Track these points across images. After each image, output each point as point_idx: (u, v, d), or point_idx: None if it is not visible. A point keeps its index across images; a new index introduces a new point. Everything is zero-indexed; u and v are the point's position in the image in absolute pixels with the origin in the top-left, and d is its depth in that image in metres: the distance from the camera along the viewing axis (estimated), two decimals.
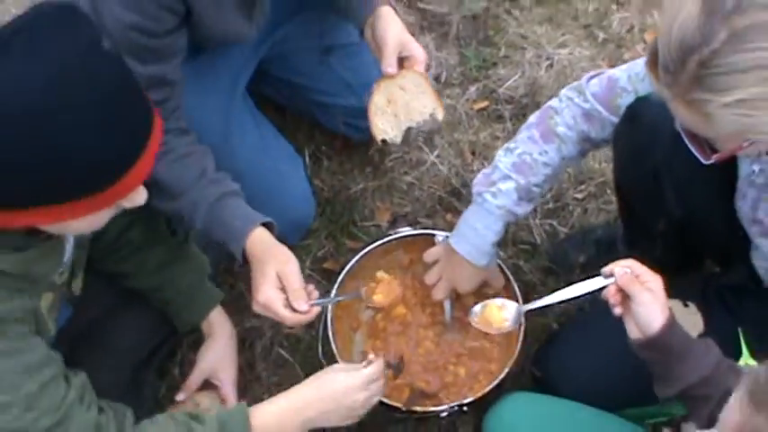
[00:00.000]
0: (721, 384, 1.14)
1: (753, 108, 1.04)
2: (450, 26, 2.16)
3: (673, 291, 1.30)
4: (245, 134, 1.78)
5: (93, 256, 1.45)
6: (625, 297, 1.27)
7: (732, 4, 1.01)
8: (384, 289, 1.63)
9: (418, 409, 1.56)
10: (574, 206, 1.89)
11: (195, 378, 1.61)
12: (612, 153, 1.51)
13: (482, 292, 1.65)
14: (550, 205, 1.90)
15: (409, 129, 1.61)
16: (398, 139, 1.60)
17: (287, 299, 1.42)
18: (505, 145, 1.52)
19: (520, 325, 1.57)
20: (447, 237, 1.60)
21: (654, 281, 1.26)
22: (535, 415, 1.47)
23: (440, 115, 1.60)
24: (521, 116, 1.98)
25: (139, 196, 1.17)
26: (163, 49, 1.47)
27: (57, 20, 1.06)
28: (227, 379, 1.62)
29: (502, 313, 1.52)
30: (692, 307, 1.50)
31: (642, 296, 1.24)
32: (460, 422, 1.63)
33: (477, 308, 1.51)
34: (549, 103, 1.51)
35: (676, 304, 1.49)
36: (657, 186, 1.41)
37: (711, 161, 1.15)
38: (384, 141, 1.60)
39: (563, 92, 1.50)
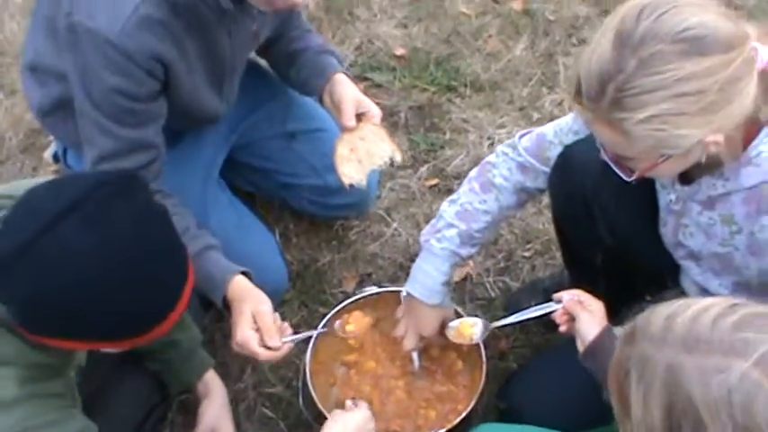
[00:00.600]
0: None
1: (662, 123, 1.22)
2: (399, 116, 2.40)
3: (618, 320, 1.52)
4: (222, 214, 1.95)
5: None
6: (571, 318, 1.50)
7: (638, 39, 1.20)
8: (355, 320, 1.78)
9: None
10: (523, 263, 2.09)
11: None
12: (549, 198, 1.71)
13: (446, 344, 1.81)
14: (501, 264, 2.08)
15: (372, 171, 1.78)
16: (363, 183, 1.75)
17: (261, 338, 1.57)
18: (449, 197, 1.71)
19: (481, 364, 1.75)
20: None
21: (595, 304, 1.49)
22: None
23: (398, 157, 1.78)
24: None
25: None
26: (144, 112, 1.63)
27: (119, 189, 1.25)
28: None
29: (473, 329, 1.74)
30: None
31: (582, 315, 1.47)
32: None
33: (453, 323, 1.75)
34: (487, 158, 1.70)
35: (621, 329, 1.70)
36: (591, 220, 1.61)
37: (633, 179, 1.34)
38: (351, 185, 1.74)
39: (498, 148, 1.69)
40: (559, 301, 1.54)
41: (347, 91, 1.84)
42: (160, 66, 1.59)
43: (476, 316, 1.83)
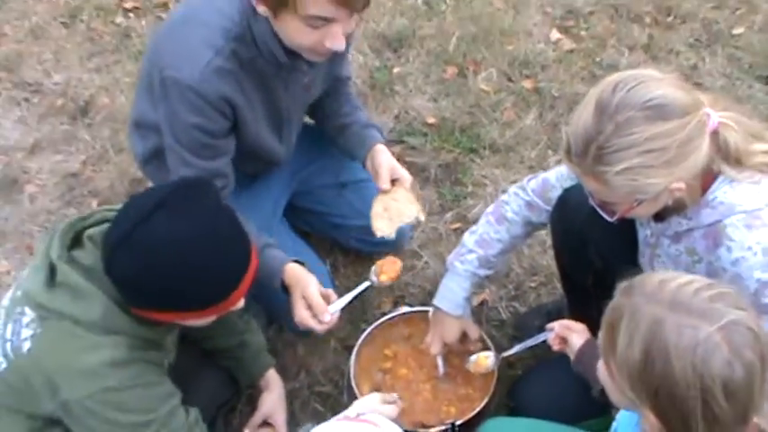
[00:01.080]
0: None
1: (635, 174, 1.43)
2: (429, 172, 2.81)
3: None
4: (284, 246, 2.23)
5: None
6: (562, 340, 1.87)
7: (613, 108, 1.42)
8: (388, 268, 2.12)
9: (426, 425, 2.05)
10: (530, 292, 2.46)
11: (257, 418, 2.09)
12: (550, 231, 2.08)
13: (464, 350, 2.18)
14: (512, 292, 2.46)
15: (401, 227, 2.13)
16: (393, 236, 2.09)
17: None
18: (470, 229, 2.08)
19: (493, 372, 2.11)
20: None
21: (578, 326, 1.86)
22: (512, 428, 1.93)
23: (422, 218, 2.13)
24: None
25: (242, 303, 1.70)
26: (217, 147, 1.96)
27: (196, 189, 1.61)
28: (280, 420, 2.11)
29: (487, 360, 2.11)
30: None
31: (571, 335, 1.84)
32: None
33: (472, 357, 2.12)
34: (501, 197, 2.06)
35: None
36: (583, 249, 1.92)
37: (614, 219, 1.60)
38: (382, 237, 2.08)
39: (510, 189, 2.04)
40: (552, 329, 1.90)
41: (384, 159, 2.17)
42: (229, 107, 1.91)
43: (488, 349, 2.15)
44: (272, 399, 2.13)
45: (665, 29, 3.37)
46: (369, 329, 2.26)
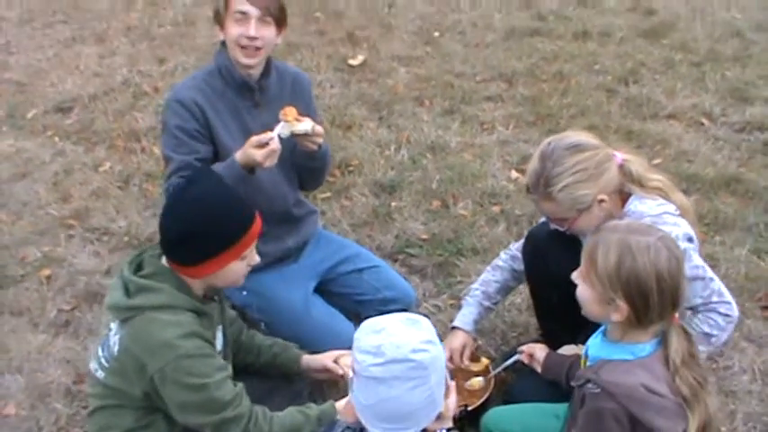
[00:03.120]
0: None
1: (572, 189, 2.26)
2: (426, 271, 3.59)
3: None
4: (319, 309, 3.02)
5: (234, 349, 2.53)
6: (531, 356, 2.61)
7: (549, 152, 2.30)
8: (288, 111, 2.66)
9: None
10: (511, 340, 3.18)
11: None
12: (522, 261, 2.82)
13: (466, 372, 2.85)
14: (498, 341, 3.19)
15: None
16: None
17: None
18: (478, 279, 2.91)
19: (490, 379, 2.79)
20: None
21: (539, 345, 2.61)
22: (508, 412, 2.62)
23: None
24: None
25: (256, 257, 2.30)
26: (191, 145, 2.72)
27: (203, 172, 2.36)
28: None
29: (479, 381, 2.82)
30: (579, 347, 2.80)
31: (535, 351, 2.59)
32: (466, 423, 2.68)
33: (470, 381, 2.81)
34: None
35: (571, 348, 2.78)
36: (546, 268, 2.65)
37: (566, 228, 2.39)
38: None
39: (501, 253, 2.93)
40: (522, 351, 2.65)
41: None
42: (200, 111, 2.73)
43: (478, 376, 2.82)
44: (328, 354, 2.66)
45: None
46: None
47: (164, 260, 2.27)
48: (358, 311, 3.17)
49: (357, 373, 1.85)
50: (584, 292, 2.06)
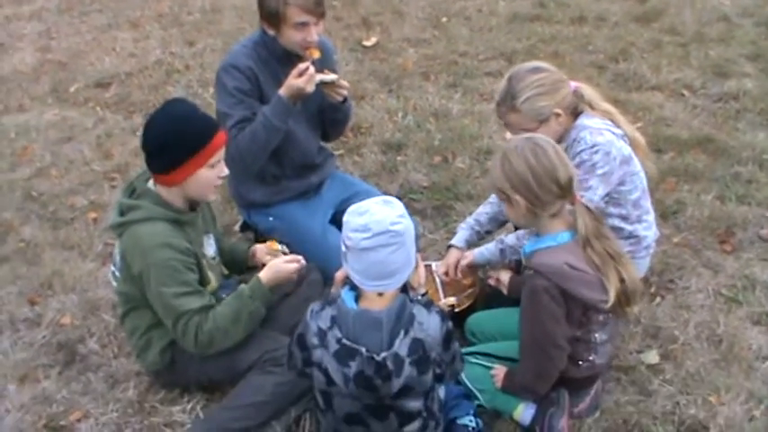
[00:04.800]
0: None
1: (533, 101, 2.78)
2: (426, 212, 4.09)
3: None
4: (335, 234, 3.45)
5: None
6: (498, 280, 3.05)
7: (514, 73, 2.85)
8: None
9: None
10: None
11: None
12: None
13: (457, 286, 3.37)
14: None
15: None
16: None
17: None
18: None
19: (475, 290, 3.30)
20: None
21: (505, 272, 3.04)
22: (489, 316, 3.14)
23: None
24: None
25: (224, 169, 2.71)
26: (246, 102, 3.21)
27: (177, 98, 2.84)
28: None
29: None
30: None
31: (500, 275, 3.03)
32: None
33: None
34: None
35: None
36: None
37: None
38: None
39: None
40: (491, 276, 3.11)
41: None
42: (253, 75, 3.22)
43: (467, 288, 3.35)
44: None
45: None
46: None
47: (149, 183, 2.75)
48: None
49: (350, 248, 2.33)
50: (505, 207, 2.59)
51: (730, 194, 4.11)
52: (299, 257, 2.90)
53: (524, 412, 2.75)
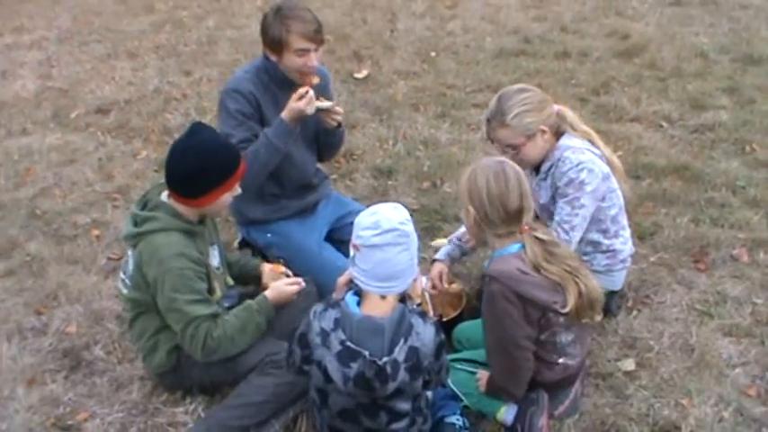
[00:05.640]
0: None
1: (521, 117, 2.99)
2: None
3: None
4: (329, 251, 3.73)
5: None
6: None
7: (503, 93, 3.08)
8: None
9: None
10: None
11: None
12: None
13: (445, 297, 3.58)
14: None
15: None
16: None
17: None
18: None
19: (462, 300, 3.51)
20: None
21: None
22: (475, 325, 3.31)
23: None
24: None
25: (238, 189, 2.92)
26: (247, 125, 3.39)
27: (201, 125, 2.89)
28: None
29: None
30: None
31: None
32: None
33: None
34: None
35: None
36: None
37: (514, 155, 3.10)
38: None
39: None
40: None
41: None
42: (255, 99, 3.40)
43: (460, 293, 3.56)
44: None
45: None
46: None
47: (162, 196, 2.94)
48: None
49: (358, 247, 2.52)
50: (462, 213, 2.79)
51: (704, 217, 4.33)
52: (300, 280, 3.15)
53: (507, 413, 2.92)
